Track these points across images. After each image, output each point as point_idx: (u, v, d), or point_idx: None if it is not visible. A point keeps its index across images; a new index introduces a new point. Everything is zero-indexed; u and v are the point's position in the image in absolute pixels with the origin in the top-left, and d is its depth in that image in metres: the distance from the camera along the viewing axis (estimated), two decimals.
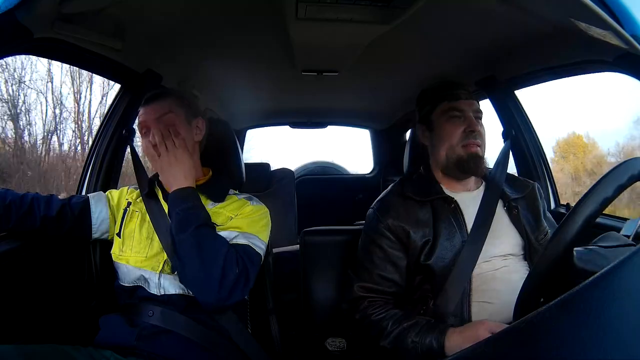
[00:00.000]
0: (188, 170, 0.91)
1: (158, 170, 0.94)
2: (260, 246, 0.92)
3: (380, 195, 1.02)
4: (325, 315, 1.16)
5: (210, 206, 0.96)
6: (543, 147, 1.41)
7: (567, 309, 0.41)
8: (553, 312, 0.42)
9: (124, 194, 1.03)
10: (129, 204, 1.00)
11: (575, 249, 0.56)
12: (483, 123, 0.98)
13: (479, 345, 0.46)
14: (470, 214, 0.93)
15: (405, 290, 0.94)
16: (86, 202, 0.99)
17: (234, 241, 0.89)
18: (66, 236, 0.97)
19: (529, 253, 0.93)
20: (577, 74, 1.13)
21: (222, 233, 0.89)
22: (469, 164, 0.93)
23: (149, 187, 0.99)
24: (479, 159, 0.94)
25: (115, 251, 0.96)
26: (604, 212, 0.59)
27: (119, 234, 0.97)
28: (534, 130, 1.41)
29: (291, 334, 1.19)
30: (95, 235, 0.99)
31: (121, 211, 1.00)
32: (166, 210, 0.94)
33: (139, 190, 1.01)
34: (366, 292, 0.93)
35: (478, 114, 0.96)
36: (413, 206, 0.94)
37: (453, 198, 0.95)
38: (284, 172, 2.25)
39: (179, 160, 0.90)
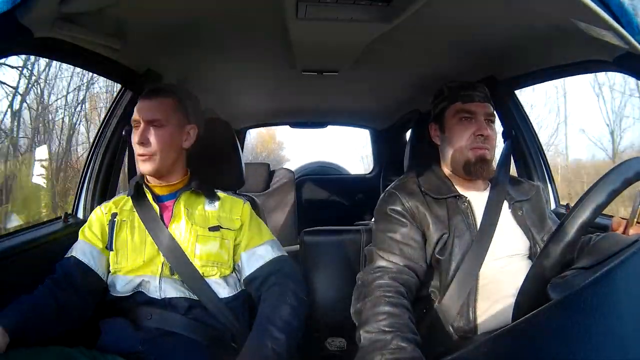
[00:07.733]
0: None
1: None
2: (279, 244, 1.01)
3: (397, 182, 1.01)
4: (325, 315, 1.16)
5: (209, 207, 0.98)
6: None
7: (567, 309, 0.41)
8: (553, 312, 0.42)
9: (111, 209, 0.98)
10: (113, 215, 0.97)
11: (550, 283, 0.56)
12: (494, 127, 0.98)
13: (479, 345, 0.46)
14: (479, 214, 0.94)
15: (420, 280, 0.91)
16: (78, 265, 0.91)
17: (270, 257, 0.96)
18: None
19: (534, 253, 0.94)
20: (577, 74, 1.14)
21: (253, 249, 0.96)
22: (475, 167, 0.94)
23: (135, 189, 0.97)
24: (486, 162, 0.95)
25: (111, 265, 0.93)
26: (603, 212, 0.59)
27: (110, 247, 0.94)
28: (534, 130, 1.41)
29: None
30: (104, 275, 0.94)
31: (106, 227, 0.96)
32: (156, 210, 0.95)
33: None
34: (390, 264, 0.89)
35: (490, 117, 0.97)
36: (431, 202, 0.95)
37: (466, 197, 0.96)
38: (284, 172, 2.25)
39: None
